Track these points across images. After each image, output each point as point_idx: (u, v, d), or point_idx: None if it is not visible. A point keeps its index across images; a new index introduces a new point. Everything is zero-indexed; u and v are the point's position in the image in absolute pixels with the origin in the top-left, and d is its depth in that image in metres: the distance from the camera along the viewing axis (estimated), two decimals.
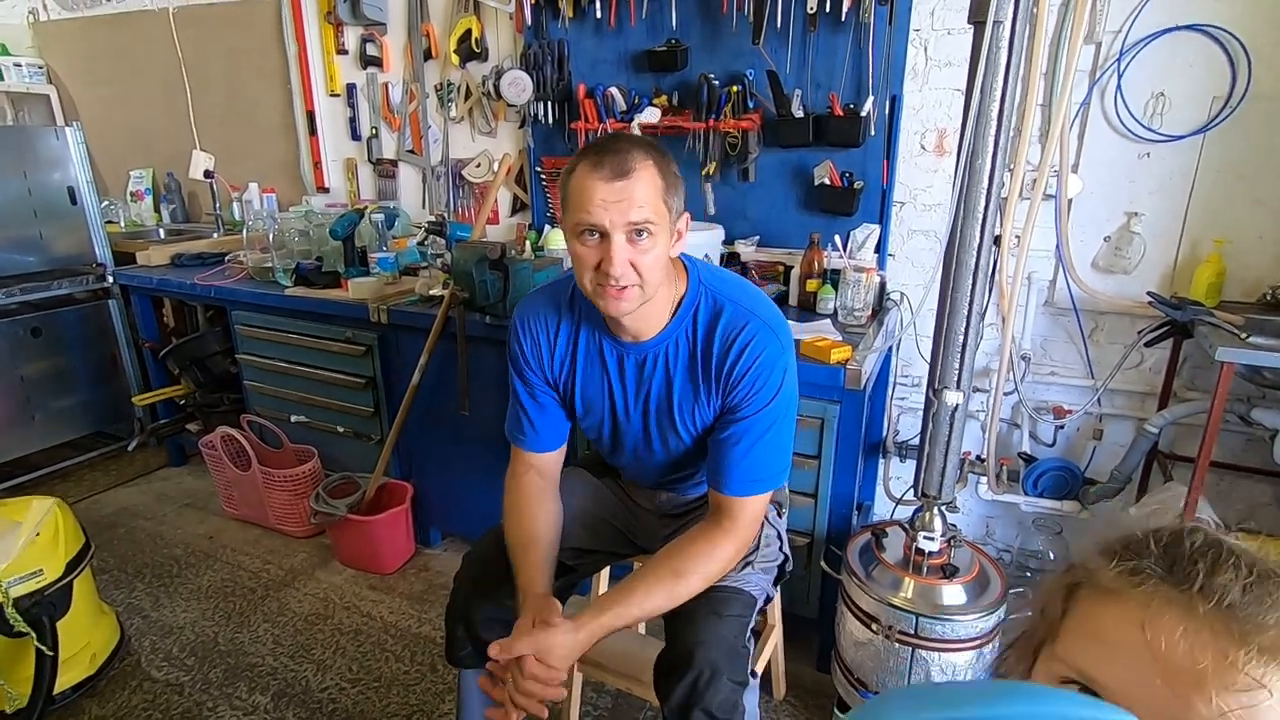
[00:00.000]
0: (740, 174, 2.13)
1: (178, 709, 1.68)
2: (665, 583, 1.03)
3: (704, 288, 1.10)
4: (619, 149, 0.96)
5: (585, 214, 0.96)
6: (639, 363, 1.12)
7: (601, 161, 0.95)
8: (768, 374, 1.04)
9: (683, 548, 1.07)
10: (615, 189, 0.94)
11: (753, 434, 1.06)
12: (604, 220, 0.95)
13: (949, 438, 1.38)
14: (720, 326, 1.07)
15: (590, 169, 0.95)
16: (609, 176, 0.94)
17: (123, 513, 2.56)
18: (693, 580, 1.04)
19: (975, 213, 1.26)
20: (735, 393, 1.06)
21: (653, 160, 0.97)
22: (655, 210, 0.97)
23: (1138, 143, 1.78)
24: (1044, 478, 1.93)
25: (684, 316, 1.09)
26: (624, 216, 0.95)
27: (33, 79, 3.46)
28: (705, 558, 1.06)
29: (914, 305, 2.04)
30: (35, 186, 2.62)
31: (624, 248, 0.96)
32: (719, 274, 1.14)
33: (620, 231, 0.96)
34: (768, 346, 1.05)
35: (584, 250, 0.99)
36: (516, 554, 1.12)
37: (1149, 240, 1.83)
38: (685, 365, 1.10)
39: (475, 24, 2.40)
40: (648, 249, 0.97)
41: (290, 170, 3.01)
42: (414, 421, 2.10)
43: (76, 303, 2.76)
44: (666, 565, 1.05)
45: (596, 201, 0.95)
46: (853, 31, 1.90)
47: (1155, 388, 1.89)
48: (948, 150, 1.96)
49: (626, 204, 0.94)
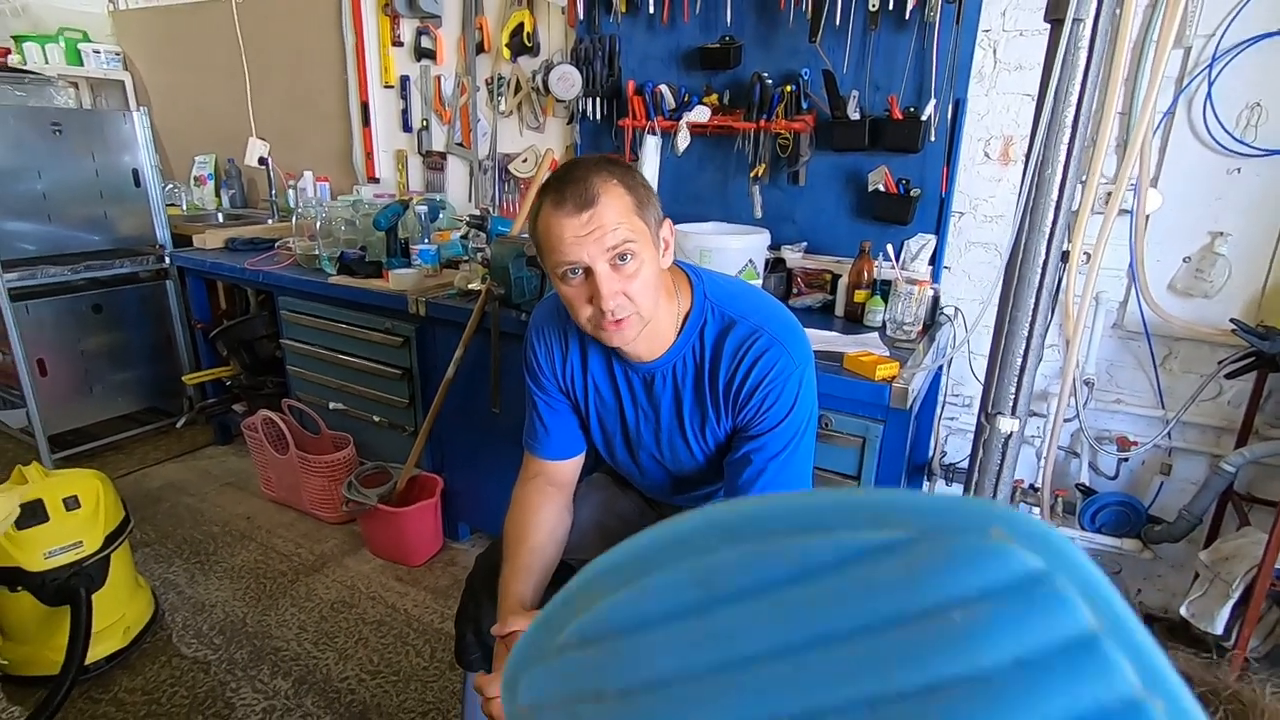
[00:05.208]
0: (790, 177, 2.05)
1: (203, 687, 1.70)
2: None
3: (710, 303, 1.03)
4: (575, 178, 0.90)
5: (561, 254, 0.91)
6: (647, 383, 1.07)
7: (563, 197, 0.90)
8: (779, 389, 0.98)
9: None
10: (583, 221, 0.89)
11: (767, 452, 0.99)
12: (581, 256, 0.90)
13: (1000, 467, 1.29)
14: (728, 343, 1.01)
15: (554, 207, 0.91)
16: (574, 209, 0.89)
17: (168, 488, 2.63)
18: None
19: (1042, 226, 1.16)
20: (745, 410, 1.00)
21: (615, 178, 0.91)
22: (632, 228, 0.91)
23: (1227, 156, 1.64)
24: (1103, 512, 1.81)
25: (690, 334, 1.03)
26: (601, 246, 0.89)
27: (110, 65, 3.61)
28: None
29: (969, 321, 1.93)
30: (103, 168, 2.73)
31: (611, 278, 0.91)
32: (726, 286, 1.07)
33: (602, 262, 0.90)
34: (778, 361, 0.98)
35: (572, 290, 0.94)
36: (508, 567, 1.08)
37: (1235, 263, 1.68)
38: (693, 384, 1.05)
39: (528, 18, 2.39)
40: (634, 273, 0.92)
41: (343, 159, 3.06)
42: (447, 415, 2.09)
43: (136, 282, 2.86)
44: None
45: (569, 240, 0.90)
46: (916, 31, 1.80)
47: (1234, 423, 1.75)
48: (1014, 159, 1.85)
49: (600, 232, 0.89)
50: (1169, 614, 1.94)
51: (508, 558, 1.09)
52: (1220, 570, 1.54)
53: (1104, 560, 1.89)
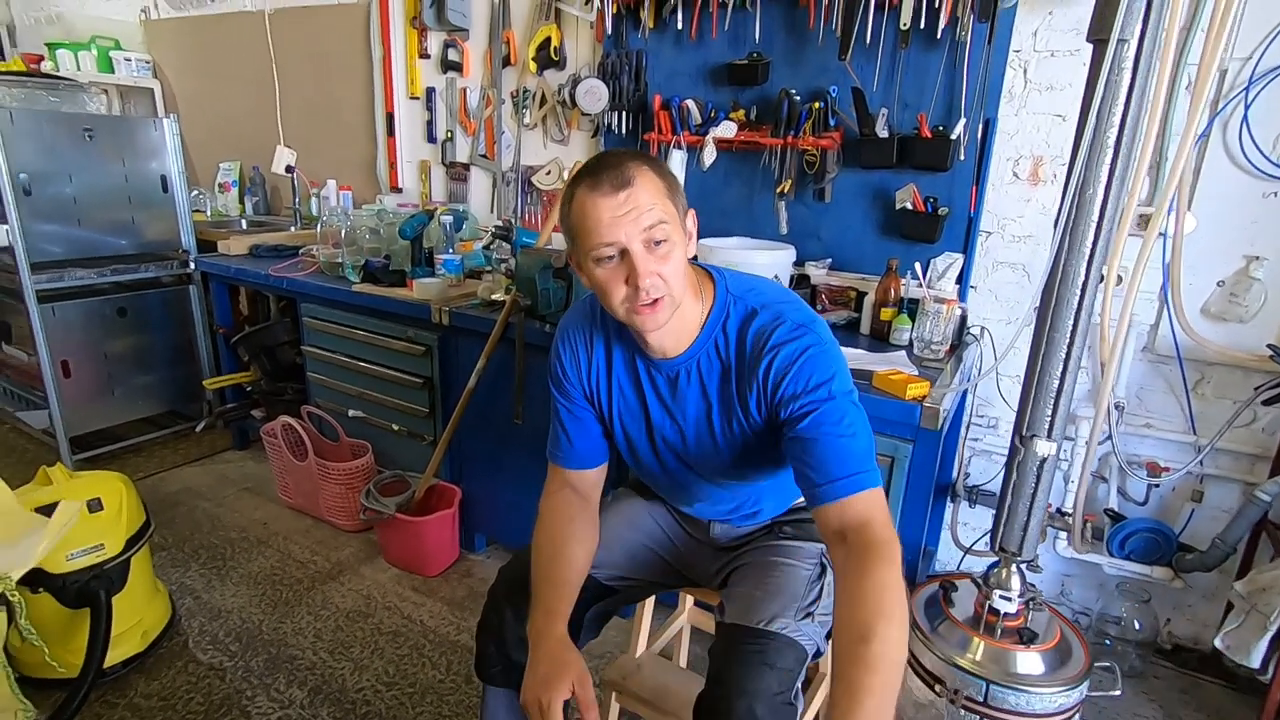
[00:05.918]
0: (816, 194, 2.05)
1: (219, 694, 1.69)
2: (858, 663, 0.80)
3: (732, 296, 1.04)
4: (611, 163, 0.93)
5: (599, 235, 0.92)
6: (671, 380, 1.07)
7: (599, 179, 0.92)
8: (814, 365, 0.96)
9: (848, 614, 0.85)
10: (620, 200, 0.91)
11: (827, 424, 0.94)
12: (619, 236, 0.91)
13: (1035, 491, 1.27)
14: (751, 332, 1.00)
15: (590, 190, 0.92)
16: (611, 189, 0.91)
17: (186, 492, 2.64)
18: (881, 637, 0.80)
19: (1082, 248, 1.15)
20: (782, 390, 0.97)
21: (647, 165, 0.94)
22: (665, 210, 0.93)
23: (1264, 180, 1.62)
24: (1133, 539, 1.77)
25: (713, 328, 1.03)
26: (638, 225, 0.91)
27: (140, 73, 3.67)
28: (873, 597, 0.83)
29: (996, 341, 1.91)
30: (132, 174, 2.76)
31: (646, 258, 0.92)
32: (747, 281, 1.08)
33: (638, 242, 0.92)
34: (804, 338, 0.97)
35: (606, 274, 0.95)
36: (539, 574, 1.07)
37: (1270, 287, 1.66)
38: (719, 378, 1.04)
39: (555, 32, 2.40)
40: (667, 254, 0.94)
41: (367, 169, 3.09)
42: (467, 426, 2.08)
43: (160, 286, 2.88)
44: (845, 640, 0.83)
45: (606, 220, 0.91)
46: (947, 50, 1.80)
47: (1269, 450, 1.71)
48: (1043, 179, 1.84)
49: (636, 211, 0.91)
50: (1200, 645, 1.89)
51: (540, 570, 1.07)
52: (1257, 601, 1.50)
53: (1133, 588, 1.85)
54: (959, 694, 1.28)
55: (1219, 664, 1.79)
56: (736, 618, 1.04)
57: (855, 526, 0.90)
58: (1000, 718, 1.26)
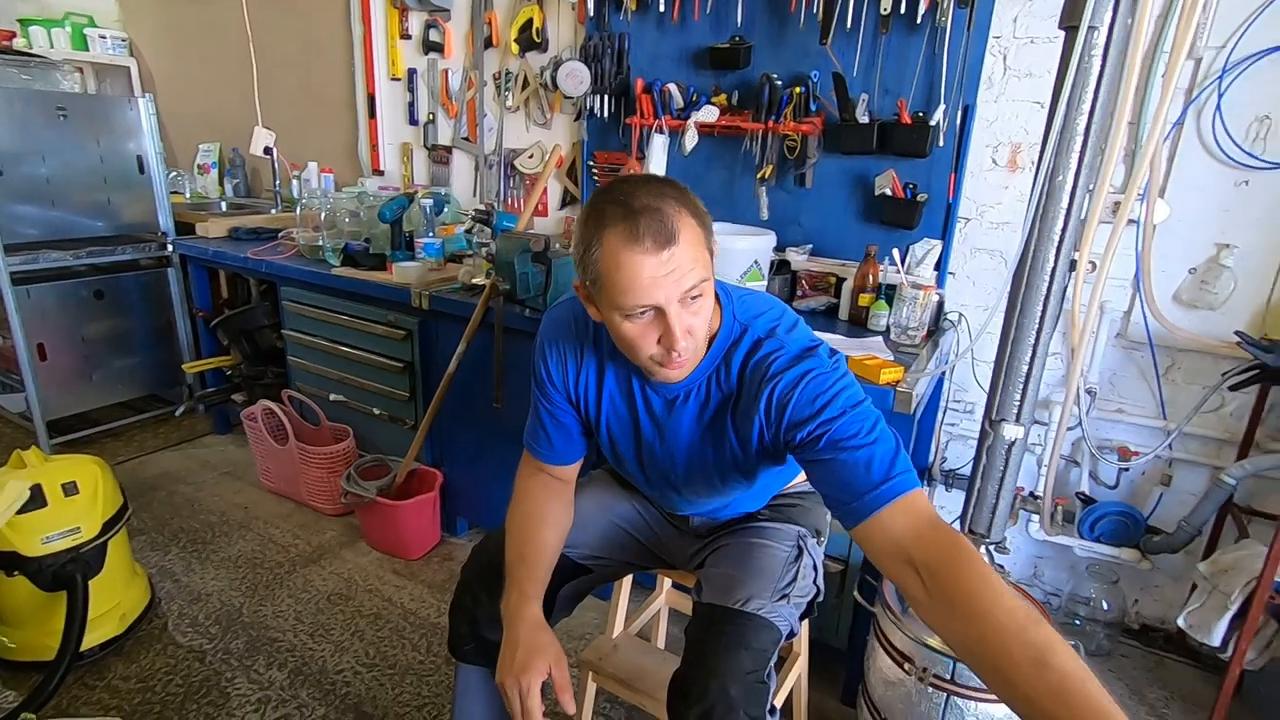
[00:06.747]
0: (797, 179, 2.05)
1: (198, 676, 1.70)
2: (1065, 695, 0.68)
3: (738, 324, 1.01)
4: (651, 211, 0.83)
5: (635, 297, 0.85)
6: (668, 401, 1.05)
7: (637, 230, 0.82)
8: (816, 386, 0.92)
9: (959, 627, 0.77)
10: (662, 260, 0.83)
11: (843, 440, 0.88)
12: (658, 297, 0.85)
13: (1004, 474, 1.29)
14: (752, 365, 0.98)
15: (627, 241, 0.83)
16: (654, 248, 0.83)
17: (165, 476, 2.63)
18: (1053, 648, 0.70)
19: (1051, 234, 1.16)
20: (789, 417, 0.92)
21: (685, 209, 0.86)
22: (705, 267, 0.87)
23: (1236, 169, 1.64)
24: (1103, 521, 1.81)
25: (716, 356, 1.00)
26: (679, 287, 0.85)
27: (116, 50, 3.60)
28: (1005, 606, 0.74)
29: (972, 327, 1.93)
30: (107, 154, 2.71)
31: (681, 315, 0.87)
32: (754, 305, 1.04)
33: (676, 303, 0.86)
34: (803, 363, 0.95)
35: (636, 330, 0.89)
36: (513, 553, 1.07)
37: (1240, 275, 1.68)
38: (717, 406, 1.02)
39: (537, 13, 2.38)
40: (699, 309, 0.89)
41: (348, 151, 3.05)
42: (447, 410, 2.09)
43: (138, 269, 2.85)
44: (1018, 672, 0.71)
45: (645, 280, 0.83)
46: (927, 35, 1.80)
47: (1235, 435, 1.75)
48: (1021, 166, 1.85)
49: (678, 273, 0.84)
50: (1166, 625, 1.94)
51: (514, 550, 1.08)
52: (1219, 582, 1.54)
53: (1102, 569, 1.89)
54: (927, 672, 1.31)
55: (1183, 643, 1.84)
56: (713, 597, 1.05)
57: (912, 541, 0.81)
58: (965, 693, 1.29)
